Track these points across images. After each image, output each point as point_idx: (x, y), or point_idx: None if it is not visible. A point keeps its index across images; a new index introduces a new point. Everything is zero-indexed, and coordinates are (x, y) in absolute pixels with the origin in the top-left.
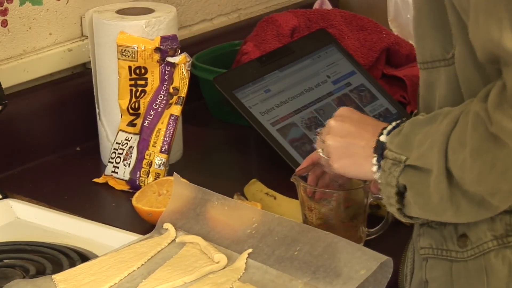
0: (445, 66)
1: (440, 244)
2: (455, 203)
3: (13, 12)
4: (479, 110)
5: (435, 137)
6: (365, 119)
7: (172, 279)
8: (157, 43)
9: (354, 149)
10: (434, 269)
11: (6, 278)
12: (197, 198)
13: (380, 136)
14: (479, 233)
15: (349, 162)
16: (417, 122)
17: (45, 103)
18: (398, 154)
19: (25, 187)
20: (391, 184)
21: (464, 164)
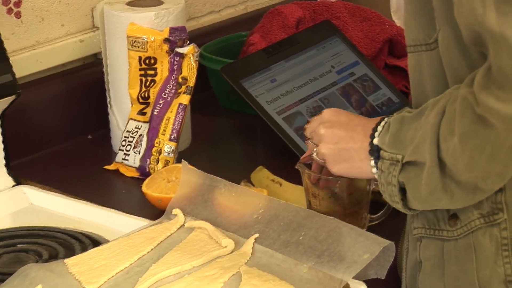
0: (427, 50)
1: (433, 224)
2: (449, 192)
3: (26, 4)
4: (466, 94)
5: (425, 130)
6: (352, 120)
7: (181, 263)
8: (166, 34)
9: (349, 153)
10: (427, 249)
11: (20, 262)
12: (205, 184)
13: (372, 139)
14: (467, 212)
15: (347, 166)
16: (404, 119)
17: (57, 93)
18: (394, 154)
19: (38, 174)
20: (393, 183)
21: (455, 152)
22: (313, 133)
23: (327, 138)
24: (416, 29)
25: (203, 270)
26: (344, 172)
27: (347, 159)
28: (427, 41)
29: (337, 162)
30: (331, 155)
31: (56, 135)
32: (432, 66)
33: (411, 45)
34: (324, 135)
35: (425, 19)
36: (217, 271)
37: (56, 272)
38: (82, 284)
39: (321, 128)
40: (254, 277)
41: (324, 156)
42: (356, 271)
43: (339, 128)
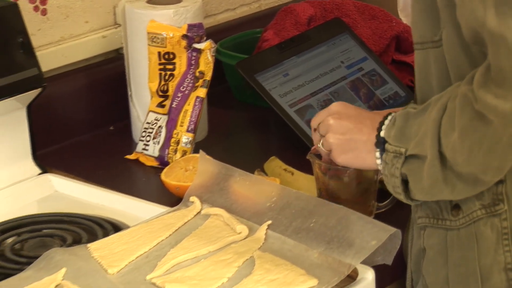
0: (433, 47)
1: (436, 214)
2: (450, 184)
3: (52, 2)
4: (466, 91)
5: (428, 125)
6: (361, 114)
7: (197, 248)
8: (184, 30)
9: (356, 144)
10: (431, 237)
11: (46, 246)
12: (220, 173)
13: (379, 131)
14: (469, 203)
15: (353, 156)
16: (409, 114)
17: (81, 86)
18: (398, 147)
19: (63, 162)
20: (396, 175)
21: (454, 146)
22: (321, 124)
23: (335, 129)
24: (423, 27)
25: (218, 254)
26: (349, 162)
27: (353, 150)
28: (433, 39)
29: (343, 152)
30: (338, 145)
31: (80, 126)
32: (438, 63)
33: (418, 42)
34: (332, 125)
35: (432, 17)
36: (232, 255)
37: (79, 256)
38: (103, 268)
39: (330, 119)
40: (267, 262)
41: (331, 146)
42: (364, 256)
43: (348, 120)
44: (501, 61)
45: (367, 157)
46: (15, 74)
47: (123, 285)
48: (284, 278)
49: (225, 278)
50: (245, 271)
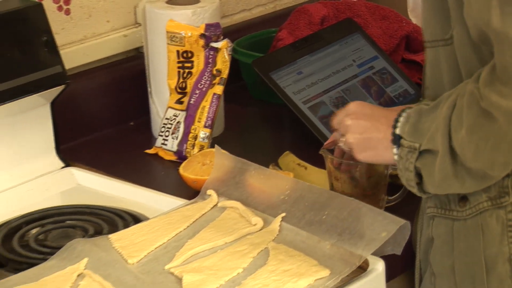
0: (444, 45)
1: (444, 204)
2: (460, 178)
3: (75, 2)
4: (472, 89)
5: (439, 121)
6: (376, 112)
7: (214, 239)
8: (202, 30)
9: (374, 142)
10: (439, 227)
11: (68, 237)
12: (236, 167)
13: (395, 129)
14: (476, 195)
15: (372, 154)
16: (422, 111)
17: (102, 83)
18: (412, 142)
19: (85, 156)
20: (409, 169)
21: (463, 142)
22: (340, 124)
23: (353, 129)
24: (434, 26)
25: (234, 245)
26: (369, 159)
27: (372, 148)
28: (444, 37)
29: (363, 150)
30: (357, 144)
31: (102, 121)
32: (449, 60)
33: (429, 40)
34: (350, 125)
35: (443, 16)
36: (247, 246)
37: (101, 246)
38: (124, 258)
39: (347, 120)
40: (281, 253)
41: (351, 145)
42: (375, 248)
43: (364, 119)
44: (506, 60)
45: (385, 154)
46: (39, 72)
47: (142, 274)
48: (297, 268)
49: (241, 268)
50: (260, 262)
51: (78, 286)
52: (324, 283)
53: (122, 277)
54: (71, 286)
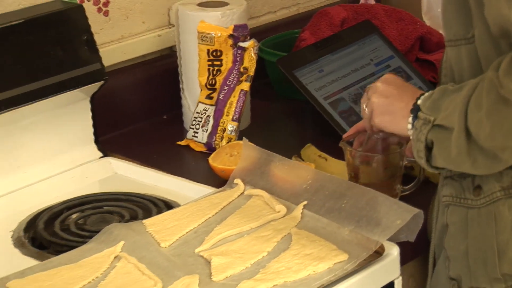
0: (466, 44)
1: (459, 193)
2: (472, 156)
3: (113, 4)
4: (492, 77)
5: (458, 101)
6: (406, 85)
7: (241, 225)
8: (231, 30)
9: (394, 108)
10: (453, 214)
11: (106, 222)
12: (262, 158)
13: (417, 100)
14: (490, 184)
15: (389, 119)
16: (446, 90)
17: (138, 79)
18: (428, 115)
19: (122, 147)
20: (421, 140)
21: (479, 123)
22: (370, 87)
23: (380, 91)
24: (456, 26)
25: (259, 231)
26: (384, 124)
27: (390, 113)
28: (466, 36)
29: (382, 113)
30: (379, 106)
31: (137, 115)
32: (471, 58)
33: (451, 39)
34: (379, 87)
35: (465, 17)
36: (271, 232)
37: (136, 230)
38: (157, 241)
39: (378, 82)
40: (302, 238)
41: (373, 105)
42: (390, 234)
43: (394, 87)
44: None
45: (401, 122)
46: (80, 68)
47: (174, 257)
48: (318, 252)
49: (265, 252)
50: (283, 246)
51: (115, 267)
52: (342, 266)
53: (155, 259)
54: (108, 267)
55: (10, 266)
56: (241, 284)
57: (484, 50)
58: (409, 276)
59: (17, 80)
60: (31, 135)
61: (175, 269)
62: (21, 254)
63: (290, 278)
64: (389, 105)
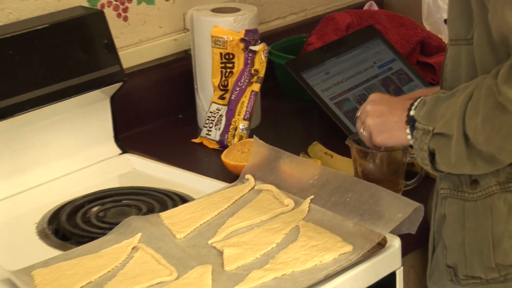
0: (466, 44)
1: (457, 186)
2: (471, 160)
3: (132, 10)
4: (490, 84)
5: (455, 108)
6: (392, 100)
7: (251, 218)
8: (242, 35)
9: (389, 124)
10: (451, 206)
11: (124, 214)
12: (271, 155)
13: (409, 111)
14: (486, 179)
15: (388, 136)
16: (439, 98)
17: (155, 81)
18: (426, 125)
19: (140, 144)
20: (424, 149)
21: (476, 129)
22: (362, 112)
23: (372, 112)
24: (459, 27)
25: (269, 223)
26: (385, 141)
27: (387, 130)
28: (466, 37)
29: (380, 132)
30: (375, 126)
31: (154, 114)
32: (468, 58)
33: (453, 39)
34: (369, 110)
35: (467, 18)
36: (280, 224)
37: (152, 223)
38: (173, 233)
39: (367, 105)
40: (309, 230)
41: (370, 127)
42: (392, 227)
43: (382, 105)
44: None
45: (400, 135)
46: (100, 70)
47: (188, 248)
48: (324, 244)
49: (275, 243)
50: (291, 238)
51: (133, 257)
52: (347, 257)
53: (171, 250)
54: (127, 257)
55: (35, 256)
56: (251, 273)
57: (481, 53)
58: (410, 267)
59: (42, 81)
60: (55, 132)
61: (189, 259)
62: (45, 245)
63: (297, 268)
64: (383, 123)
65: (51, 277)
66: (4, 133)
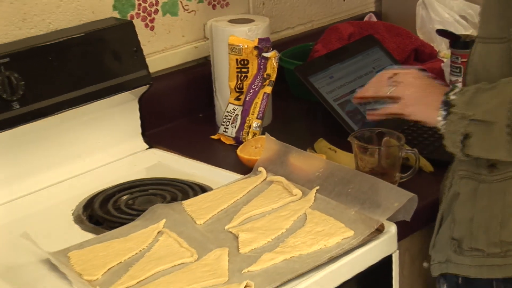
0: (499, 43)
1: (474, 168)
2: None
3: (158, 21)
4: None
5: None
6: (433, 81)
7: (263, 206)
8: (256, 43)
9: (428, 99)
10: (465, 185)
11: (151, 202)
12: (281, 150)
13: (447, 95)
14: (505, 164)
15: (421, 109)
16: (480, 88)
17: (178, 84)
18: (465, 111)
19: (165, 140)
20: (458, 132)
21: None
22: (401, 73)
23: (417, 81)
24: (493, 26)
25: (279, 211)
26: (415, 113)
27: (424, 104)
28: (500, 35)
29: (414, 103)
30: (410, 98)
31: (177, 113)
32: (501, 56)
33: (484, 37)
34: (411, 81)
35: (504, 18)
36: (289, 212)
37: (176, 210)
38: (193, 219)
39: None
40: (315, 217)
41: (403, 96)
42: (389, 214)
43: (423, 82)
44: None
45: (431, 114)
46: (130, 74)
47: (207, 232)
48: (328, 229)
49: (284, 229)
50: (299, 224)
51: (158, 241)
52: (349, 241)
53: (192, 234)
54: (152, 240)
55: (71, 239)
56: (263, 255)
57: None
58: (405, 250)
59: (78, 84)
60: (89, 129)
61: (208, 242)
62: (80, 229)
63: (304, 251)
64: (420, 97)
65: (85, 258)
66: (45, 130)
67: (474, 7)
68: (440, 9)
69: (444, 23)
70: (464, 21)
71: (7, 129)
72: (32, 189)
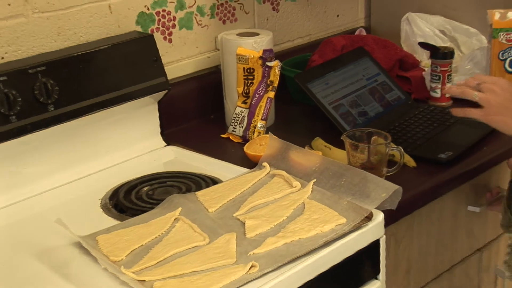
0: None
1: None
2: None
3: (175, 34)
4: None
5: None
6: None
7: (267, 196)
8: (261, 53)
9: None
10: None
11: (168, 193)
12: (282, 147)
13: None
14: None
15: (504, 121)
16: None
17: (193, 89)
18: None
19: (180, 139)
20: None
21: None
22: (491, 81)
23: (505, 93)
24: None
25: (280, 201)
26: (499, 124)
27: (507, 116)
28: None
29: (500, 112)
30: (498, 107)
31: (191, 115)
32: None
33: None
34: (505, 90)
35: None
36: (289, 201)
37: (190, 200)
38: (206, 208)
39: (498, 87)
40: (312, 206)
41: (491, 103)
42: (377, 204)
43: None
44: None
45: None
46: (150, 81)
47: (218, 219)
48: (324, 217)
49: (285, 216)
50: (298, 212)
51: (174, 226)
52: (342, 227)
53: (204, 221)
54: (170, 226)
55: (99, 225)
56: (267, 240)
57: None
58: (391, 235)
59: (105, 89)
60: (115, 129)
61: (219, 228)
62: (107, 216)
63: (303, 236)
64: (507, 109)
65: (111, 241)
66: (76, 129)
67: (452, 23)
68: (422, 25)
69: (425, 36)
70: (443, 35)
71: (44, 128)
72: (65, 181)
